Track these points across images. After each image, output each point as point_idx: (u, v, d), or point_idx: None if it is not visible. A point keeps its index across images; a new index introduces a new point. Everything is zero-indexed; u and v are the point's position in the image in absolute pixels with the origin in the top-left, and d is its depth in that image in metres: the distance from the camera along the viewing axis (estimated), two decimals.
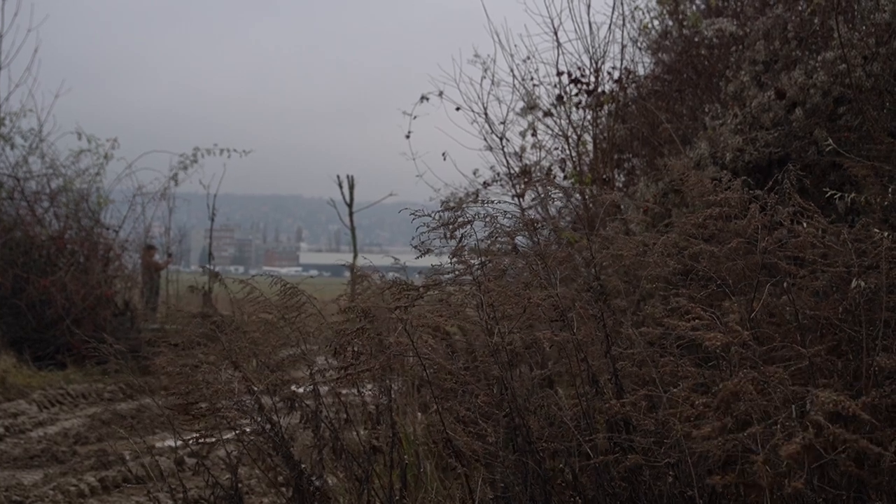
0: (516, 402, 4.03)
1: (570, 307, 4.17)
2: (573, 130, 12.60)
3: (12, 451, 11.31)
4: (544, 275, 4.25)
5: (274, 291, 6.00)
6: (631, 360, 4.18)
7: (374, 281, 6.45)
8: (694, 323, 3.71)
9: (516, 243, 4.70)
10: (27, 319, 17.73)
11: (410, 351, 4.07)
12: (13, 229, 18.81)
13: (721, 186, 4.69)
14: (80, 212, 19.75)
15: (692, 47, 11.73)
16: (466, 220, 4.34)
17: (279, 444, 5.20)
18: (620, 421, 4.08)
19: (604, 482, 3.98)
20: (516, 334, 4.11)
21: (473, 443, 4.06)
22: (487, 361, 4.14)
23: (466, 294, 4.23)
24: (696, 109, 11.36)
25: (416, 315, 4.06)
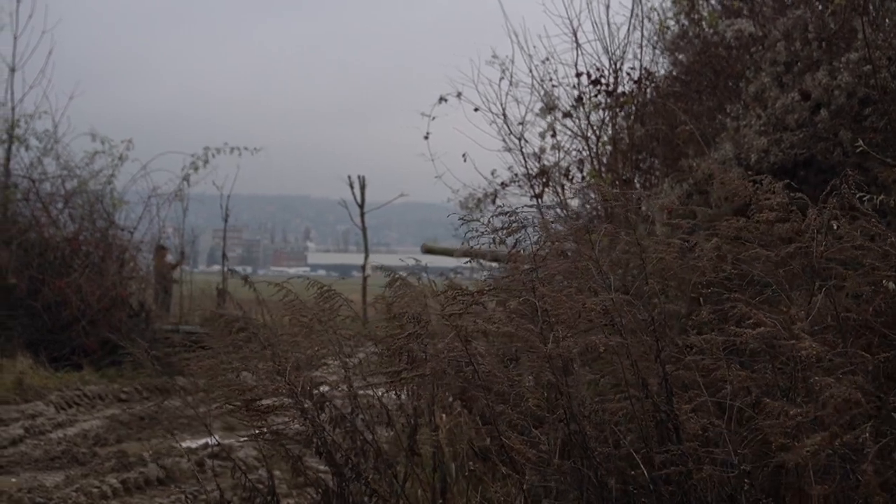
0: (572, 408, 4.02)
1: (621, 312, 4.16)
2: (592, 131, 12.58)
3: (33, 452, 11.32)
4: (599, 280, 4.25)
5: (309, 294, 6.00)
6: (683, 365, 4.17)
7: (412, 283, 6.43)
8: (759, 330, 3.70)
9: (565, 248, 4.69)
10: (43, 321, 17.72)
11: (463, 356, 4.06)
12: (28, 231, 18.83)
13: (762, 189, 4.68)
14: (94, 213, 19.75)
15: (710, 48, 11.71)
16: (521, 226, 4.34)
17: (321, 445, 5.19)
18: (672, 428, 4.07)
19: (662, 492, 3.97)
20: (571, 340, 4.08)
21: (528, 450, 4.05)
22: (539, 367, 4.13)
23: (521, 300, 4.21)
24: (714, 110, 11.34)
25: (469, 320, 4.05)
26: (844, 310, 4.41)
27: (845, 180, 4.50)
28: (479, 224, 4.50)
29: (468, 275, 15.41)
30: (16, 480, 10.13)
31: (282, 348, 5.63)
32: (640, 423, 4.15)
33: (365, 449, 5.37)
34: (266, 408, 5.13)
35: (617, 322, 4.17)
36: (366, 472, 5.11)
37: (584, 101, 12.65)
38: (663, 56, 13.65)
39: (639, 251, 4.44)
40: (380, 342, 5.65)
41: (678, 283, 4.83)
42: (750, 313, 3.81)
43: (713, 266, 4.55)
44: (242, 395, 5.14)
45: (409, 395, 5.49)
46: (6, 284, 17.83)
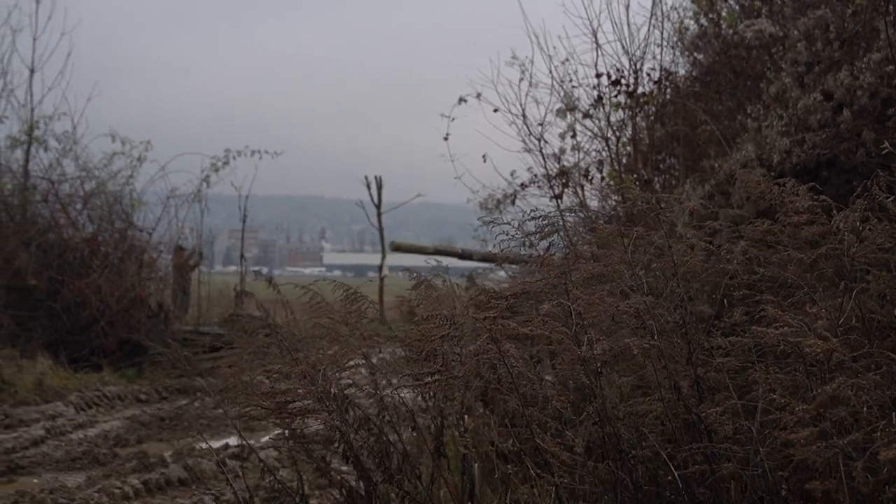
0: (606, 410, 4.03)
1: (654, 314, 4.16)
2: (612, 132, 12.59)
3: (54, 453, 11.35)
4: (632, 283, 4.25)
5: (335, 295, 6.01)
6: (714, 367, 4.17)
7: (438, 285, 6.43)
8: (784, 330, 3.70)
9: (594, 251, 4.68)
10: (62, 321, 17.75)
11: (496, 358, 4.06)
12: (47, 232, 18.86)
13: (787, 191, 4.67)
14: (113, 214, 19.79)
15: (730, 48, 11.70)
16: (554, 229, 4.34)
17: (348, 448, 5.20)
18: (703, 430, 4.07)
19: (694, 492, 3.97)
20: (605, 342, 4.08)
21: (562, 452, 4.04)
22: (570, 369, 4.13)
23: (555, 303, 4.20)
24: (734, 110, 11.33)
25: (502, 323, 4.05)
26: (869, 311, 4.40)
27: (875, 181, 4.49)
28: (508, 227, 4.49)
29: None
30: (38, 481, 10.17)
31: (309, 351, 5.63)
32: (672, 424, 4.16)
33: (389, 451, 5.37)
34: (296, 410, 5.14)
35: (648, 324, 4.18)
36: (396, 475, 5.11)
37: (604, 102, 12.66)
38: (682, 56, 13.66)
39: (669, 253, 4.43)
40: (408, 344, 5.66)
41: (702, 285, 4.83)
42: (778, 315, 3.81)
43: (742, 268, 4.54)
44: (273, 398, 5.14)
45: (435, 397, 5.49)
46: (26, 285, 17.87)
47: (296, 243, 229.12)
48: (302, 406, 5.10)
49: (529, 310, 4.60)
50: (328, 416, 4.99)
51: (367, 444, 5.26)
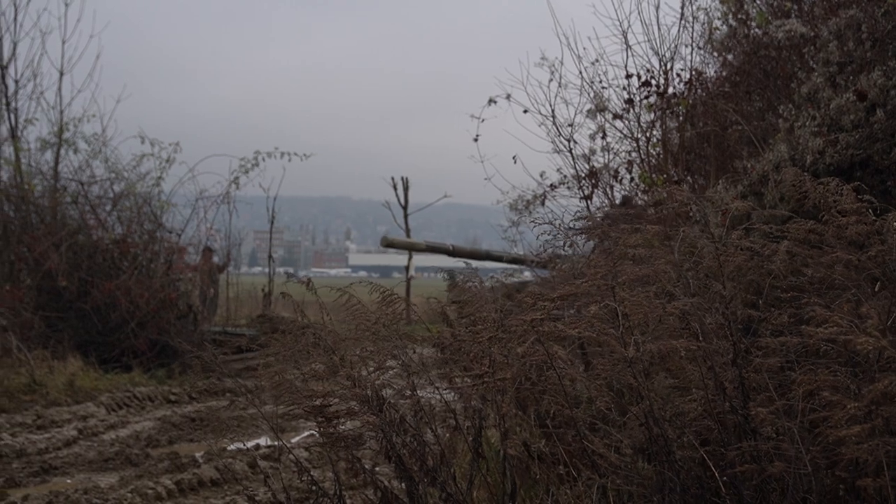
0: (653, 411, 4.03)
1: (700, 316, 4.17)
2: (642, 132, 12.58)
3: (86, 453, 11.42)
4: (678, 284, 4.25)
5: (373, 297, 6.02)
6: (754, 368, 4.17)
7: (475, 286, 6.44)
8: (830, 329, 3.70)
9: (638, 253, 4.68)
10: (92, 323, 17.82)
11: (545, 361, 4.06)
12: (77, 233, 18.94)
13: (830, 191, 4.66)
14: (142, 215, 19.86)
15: (760, 48, 11.67)
16: (604, 233, 4.34)
17: (390, 448, 5.20)
18: (749, 431, 4.06)
19: (741, 492, 3.97)
20: (652, 344, 4.08)
21: (610, 454, 4.05)
22: (615, 370, 4.12)
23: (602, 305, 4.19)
24: (764, 110, 11.30)
25: (551, 325, 4.05)
26: None
27: None
28: (549, 226, 4.51)
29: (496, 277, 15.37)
30: (71, 481, 10.23)
31: (347, 352, 5.65)
32: (717, 425, 4.16)
33: (425, 452, 5.38)
34: (339, 412, 5.15)
35: (693, 326, 4.18)
36: (439, 477, 5.11)
37: (634, 103, 12.66)
38: (711, 57, 13.64)
39: (714, 254, 4.43)
40: (445, 345, 5.67)
41: (745, 285, 4.82)
42: (828, 316, 3.80)
43: (787, 269, 4.54)
44: (315, 399, 5.16)
45: (473, 397, 5.49)
46: (56, 287, 17.96)
47: (321, 244, 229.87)
48: (344, 408, 5.11)
49: (569, 311, 4.60)
50: (372, 418, 4.99)
51: (407, 444, 5.26)
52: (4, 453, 11.05)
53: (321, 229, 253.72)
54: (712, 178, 10.84)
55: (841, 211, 4.55)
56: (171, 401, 15.86)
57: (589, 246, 9.25)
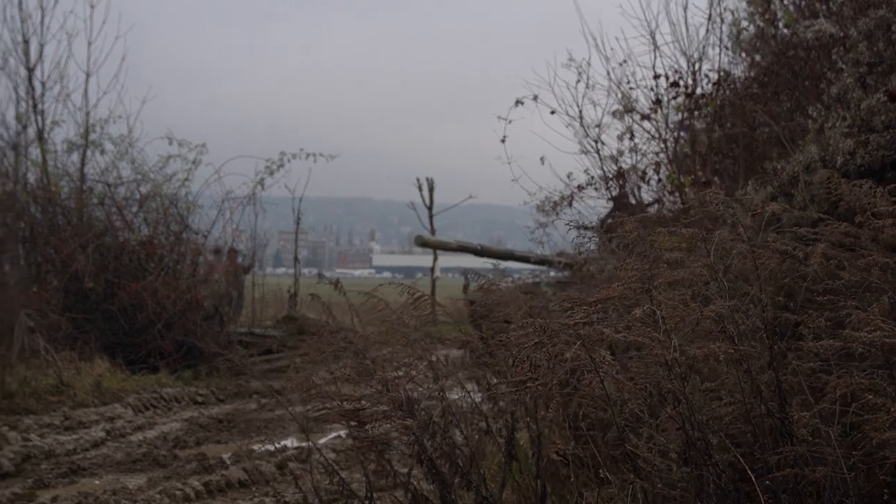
0: (693, 415, 4.00)
1: (738, 319, 4.15)
2: (670, 133, 12.55)
3: (114, 455, 11.45)
4: (718, 287, 4.23)
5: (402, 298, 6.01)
6: (791, 371, 4.15)
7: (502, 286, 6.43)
8: (875, 333, 3.67)
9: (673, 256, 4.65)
10: (119, 324, 17.86)
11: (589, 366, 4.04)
12: (104, 234, 18.99)
13: (865, 192, 4.63)
14: (168, 217, 19.91)
15: (789, 48, 11.62)
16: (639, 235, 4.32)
17: (422, 451, 5.19)
18: (786, 434, 4.04)
19: (779, 497, 3.94)
20: (691, 347, 4.06)
21: (654, 457, 4.02)
22: (647, 373, 4.10)
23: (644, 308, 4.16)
24: (793, 111, 11.25)
25: (595, 328, 4.03)
26: None
27: None
28: (586, 230, 4.49)
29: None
30: (99, 482, 10.25)
31: (377, 354, 5.65)
32: (756, 429, 4.13)
33: (455, 454, 5.37)
34: (373, 415, 5.15)
35: (728, 329, 4.15)
36: (474, 479, 5.10)
37: (662, 104, 12.63)
38: (739, 57, 13.60)
39: (751, 257, 4.40)
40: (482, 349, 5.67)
41: (779, 288, 4.79)
42: (866, 319, 3.78)
43: (823, 272, 4.51)
44: (349, 401, 5.16)
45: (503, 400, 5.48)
46: (83, 288, 18.01)
47: (345, 245, 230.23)
48: (377, 411, 5.11)
49: (598, 315, 4.58)
50: (408, 421, 4.99)
51: (439, 447, 5.25)
52: (33, 454, 11.08)
53: (345, 230, 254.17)
54: (741, 179, 10.80)
55: (876, 213, 4.52)
56: (198, 402, 15.90)
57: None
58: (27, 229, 19.20)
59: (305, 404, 5.80)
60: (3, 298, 17.32)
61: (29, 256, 19.25)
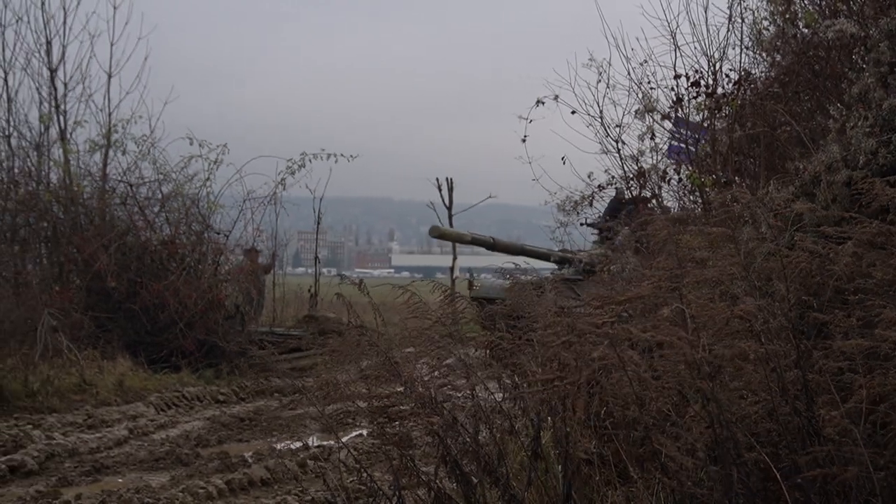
0: (722, 414, 4.02)
1: (766, 318, 4.16)
2: (691, 133, 12.55)
3: (137, 453, 11.49)
4: (747, 286, 4.25)
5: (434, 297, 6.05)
6: (818, 370, 4.16)
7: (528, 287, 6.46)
8: None
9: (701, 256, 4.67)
10: (141, 323, 17.92)
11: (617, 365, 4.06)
12: (126, 234, 19.06)
13: None
14: (190, 216, 19.98)
15: (809, 48, 11.59)
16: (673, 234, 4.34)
17: (446, 451, 5.22)
18: (812, 433, 4.05)
19: (809, 496, 3.96)
20: (721, 348, 4.07)
21: (683, 457, 4.04)
22: (675, 372, 4.12)
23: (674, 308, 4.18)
24: (814, 111, 11.24)
25: (623, 328, 4.04)
26: None
27: None
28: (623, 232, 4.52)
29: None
30: (122, 480, 10.30)
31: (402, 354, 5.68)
32: (779, 427, 4.14)
33: (482, 453, 5.39)
34: (401, 413, 5.18)
35: (755, 328, 4.16)
36: (503, 478, 5.12)
37: (683, 103, 12.63)
38: (759, 57, 13.58)
39: (779, 256, 4.41)
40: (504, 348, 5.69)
41: (808, 287, 4.79)
42: None
43: (853, 271, 4.51)
44: (377, 400, 5.20)
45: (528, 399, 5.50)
46: (105, 287, 18.09)
47: (363, 245, 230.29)
48: (407, 409, 5.14)
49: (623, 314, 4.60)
50: (436, 419, 5.02)
51: (467, 446, 5.28)
52: (57, 452, 11.14)
53: (364, 230, 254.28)
54: (762, 179, 10.79)
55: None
56: (220, 401, 15.96)
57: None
58: (50, 229, 19.31)
59: (329, 402, 5.83)
60: (27, 298, 17.41)
61: (51, 256, 19.37)
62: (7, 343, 15.29)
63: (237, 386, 16.92)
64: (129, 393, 15.15)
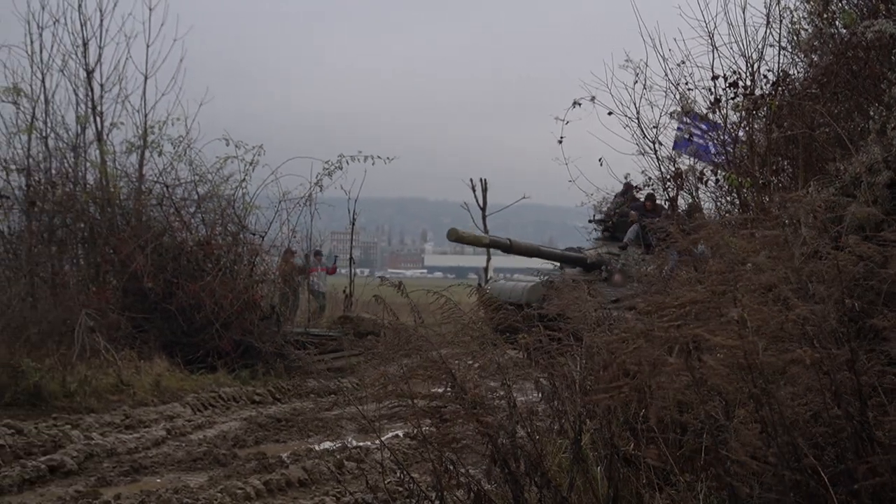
0: (783, 418, 4.00)
1: (820, 323, 4.13)
2: (729, 134, 12.50)
3: (175, 453, 11.55)
4: (801, 290, 4.22)
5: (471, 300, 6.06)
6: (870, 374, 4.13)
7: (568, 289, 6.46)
8: None
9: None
10: (178, 324, 17.99)
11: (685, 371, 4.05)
12: (162, 235, 19.15)
13: None
14: (225, 217, 20.06)
15: (848, 49, 11.53)
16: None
17: (496, 452, 5.23)
18: (866, 438, 4.02)
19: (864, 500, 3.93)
20: (775, 352, 4.06)
21: (751, 460, 4.02)
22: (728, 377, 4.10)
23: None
24: (852, 112, 11.17)
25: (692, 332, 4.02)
26: None
27: None
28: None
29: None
30: (161, 481, 10.35)
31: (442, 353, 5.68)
32: (833, 431, 4.12)
33: (522, 454, 5.40)
34: (456, 413, 5.19)
35: (809, 332, 4.14)
36: (556, 480, 5.13)
37: (721, 104, 12.58)
38: (797, 57, 13.51)
39: (834, 259, 4.39)
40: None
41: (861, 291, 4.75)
42: None
43: None
44: (424, 400, 5.21)
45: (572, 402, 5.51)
46: (142, 288, 18.17)
47: (396, 245, 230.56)
48: (455, 409, 5.15)
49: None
50: (489, 419, 5.03)
51: (511, 446, 5.29)
52: (95, 452, 11.20)
53: (396, 230, 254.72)
54: (800, 180, 10.75)
55: None
56: (256, 401, 16.02)
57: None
58: (87, 230, 19.41)
59: (378, 402, 5.84)
60: (64, 298, 17.50)
61: (88, 257, 19.47)
62: (45, 343, 15.36)
63: (273, 386, 16.98)
64: (165, 393, 15.24)
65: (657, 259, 9.32)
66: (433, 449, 5.70)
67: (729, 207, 12.88)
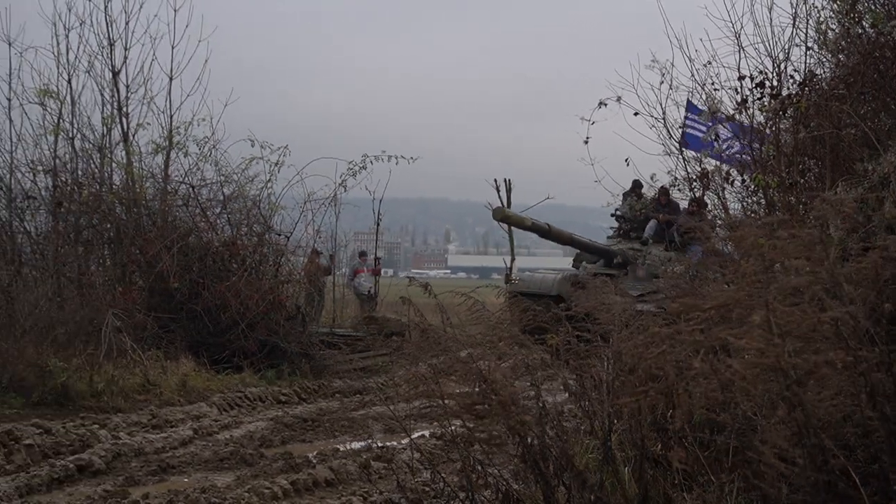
0: (812, 421, 3.99)
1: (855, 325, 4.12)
2: (756, 135, 12.47)
3: (202, 453, 11.58)
4: (835, 292, 4.21)
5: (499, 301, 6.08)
6: None
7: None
8: None
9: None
10: (204, 324, 18.04)
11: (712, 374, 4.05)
12: (188, 235, 19.22)
13: None
14: (251, 218, 20.14)
15: (875, 49, 11.49)
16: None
17: (527, 451, 5.25)
18: None
19: None
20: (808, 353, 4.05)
21: (780, 463, 4.01)
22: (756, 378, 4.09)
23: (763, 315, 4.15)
24: (878, 112, 11.14)
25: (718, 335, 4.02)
26: None
27: None
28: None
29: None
30: (188, 480, 10.39)
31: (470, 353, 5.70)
32: (866, 433, 4.11)
33: (551, 454, 5.41)
34: (492, 410, 5.21)
35: (843, 333, 4.13)
36: (590, 481, 5.14)
37: (747, 105, 12.55)
38: (824, 57, 13.47)
39: (873, 261, 4.37)
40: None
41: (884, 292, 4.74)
42: None
43: None
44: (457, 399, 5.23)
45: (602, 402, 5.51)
46: (168, 288, 18.24)
47: (420, 245, 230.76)
48: (493, 408, 5.17)
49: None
50: (527, 418, 5.04)
51: (541, 446, 5.30)
52: (123, 452, 11.24)
53: (420, 230, 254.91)
54: (827, 180, 10.72)
55: None
56: (282, 401, 16.07)
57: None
58: (113, 230, 19.50)
59: (408, 402, 5.86)
60: (91, 298, 17.57)
61: (115, 257, 19.55)
62: (72, 343, 15.41)
63: (299, 386, 17.04)
64: (192, 393, 15.30)
65: (682, 258, 9.32)
66: (461, 448, 5.71)
67: (755, 208, 12.84)
